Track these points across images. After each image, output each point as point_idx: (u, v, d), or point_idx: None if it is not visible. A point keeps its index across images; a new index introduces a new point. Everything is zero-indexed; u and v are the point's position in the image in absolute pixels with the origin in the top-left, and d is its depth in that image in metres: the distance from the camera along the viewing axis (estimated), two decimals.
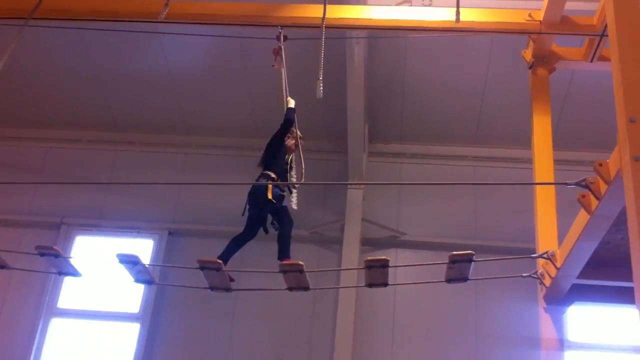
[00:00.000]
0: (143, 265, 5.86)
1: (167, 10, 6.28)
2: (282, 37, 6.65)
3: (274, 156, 6.43)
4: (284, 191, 6.35)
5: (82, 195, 9.59)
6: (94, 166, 9.90)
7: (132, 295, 9.04)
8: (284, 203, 6.32)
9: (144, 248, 9.25)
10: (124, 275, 5.99)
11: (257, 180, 6.32)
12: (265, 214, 6.30)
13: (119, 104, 9.91)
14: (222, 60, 9.27)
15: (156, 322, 8.89)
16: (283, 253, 6.19)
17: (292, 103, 6.61)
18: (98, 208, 9.64)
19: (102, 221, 9.56)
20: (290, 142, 6.59)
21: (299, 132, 6.68)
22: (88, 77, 9.63)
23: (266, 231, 6.39)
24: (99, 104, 9.90)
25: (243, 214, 6.35)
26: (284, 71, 6.67)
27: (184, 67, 9.39)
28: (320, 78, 5.85)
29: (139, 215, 9.50)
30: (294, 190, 6.49)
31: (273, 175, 6.27)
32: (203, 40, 8.25)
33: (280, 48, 6.68)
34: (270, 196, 6.11)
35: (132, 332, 8.88)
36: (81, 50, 9.35)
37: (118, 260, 5.76)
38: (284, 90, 6.62)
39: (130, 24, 7.26)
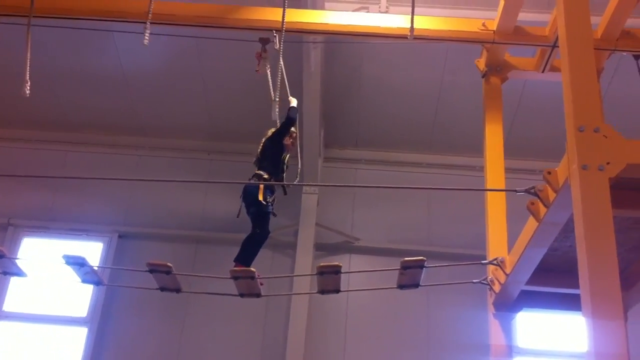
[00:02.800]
0: (90, 266, 5.77)
1: (151, 12, 6.13)
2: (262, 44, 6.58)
3: (270, 156, 6.34)
4: (274, 192, 6.23)
5: (30, 196, 9.37)
6: (44, 166, 9.64)
7: (79, 299, 8.85)
8: (270, 209, 6.18)
9: (93, 251, 9.07)
10: (72, 277, 5.88)
11: (250, 179, 6.19)
12: (252, 212, 6.14)
13: (71, 102, 9.70)
14: (177, 61, 9.16)
15: (104, 326, 8.72)
16: (241, 257, 6.06)
17: (294, 102, 6.54)
18: (47, 209, 9.42)
19: (50, 223, 9.34)
20: (288, 140, 6.51)
21: (295, 131, 6.63)
22: (39, 74, 9.33)
23: (274, 214, 6.25)
24: (50, 103, 9.68)
25: (238, 216, 6.18)
26: (269, 73, 6.62)
27: (138, 66, 9.25)
28: (277, 99, 5.79)
29: (89, 217, 9.33)
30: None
31: (266, 176, 6.18)
32: (158, 40, 8.12)
33: (263, 51, 6.64)
34: (261, 197, 6.00)
35: (79, 337, 8.69)
36: (32, 47, 9.10)
37: (64, 262, 5.65)
38: (273, 91, 6.52)
39: (83, 22, 7.10)
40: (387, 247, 9.03)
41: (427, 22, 6.87)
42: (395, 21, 6.90)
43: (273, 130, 6.61)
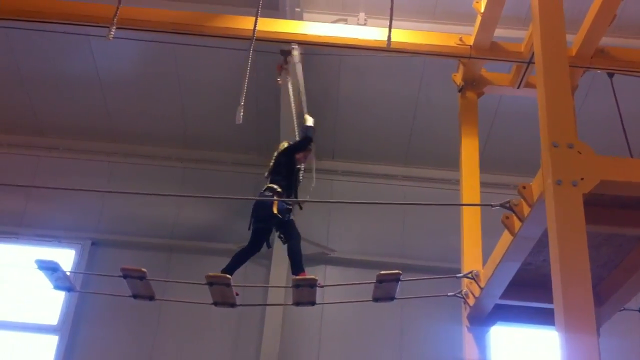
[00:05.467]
0: (63, 272, 5.70)
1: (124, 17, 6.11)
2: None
3: (284, 170, 6.37)
4: (290, 205, 6.25)
5: (0, 201, 9.20)
6: (15, 171, 9.48)
7: (50, 306, 8.71)
8: (291, 217, 6.22)
9: (65, 258, 8.92)
10: (43, 284, 5.79)
11: (262, 192, 6.22)
12: (270, 228, 6.20)
13: (44, 107, 9.58)
14: (153, 67, 9.11)
15: (75, 334, 8.59)
16: (297, 268, 6.03)
17: (310, 121, 6.53)
18: (18, 215, 9.27)
19: (21, 229, 9.19)
20: (299, 155, 6.53)
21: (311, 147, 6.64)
22: (12, 78, 9.28)
23: (269, 245, 6.32)
24: (23, 107, 9.56)
25: (249, 229, 6.23)
26: (290, 87, 6.61)
27: (113, 72, 9.17)
28: (242, 103, 5.78)
29: (61, 223, 9.18)
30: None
31: (279, 189, 6.18)
32: (134, 45, 8.09)
33: (284, 63, 6.65)
34: (275, 210, 6.02)
35: (49, 345, 8.54)
36: (6, 51, 9.02)
37: (37, 267, 5.58)
38: (301, 106, 6.55)
39: (59, 25, 7.03)
40: (362, 259, 9.02)
41: (405, 35, 6.92)
42: (374, 33, 6.94)
43: (286, 145, 6.59)
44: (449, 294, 6.04)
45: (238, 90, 6.53)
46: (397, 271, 5.44)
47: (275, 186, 6.22)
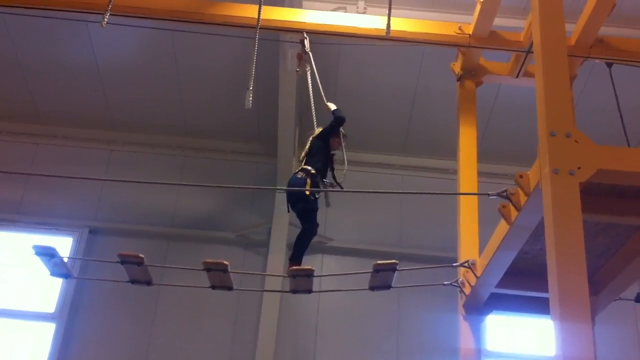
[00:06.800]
0: (60, 258, 5.69)
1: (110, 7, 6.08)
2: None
3: (318, 152, 6.26)
4: (320, 187, 6.14)
5: None
6: (13, 159, 9.47)
7: (47, 293, 8.72)
8: (318, 205, 6.12)
9: (63, 246, 8.92)
10: (40, 271, 5.79)
11: (296, 173, 6.08)
12: (299, 208, 6.06)
13: (42, 94, 9.56)
14: (152, 55, 9.09)
15: (72, 322, 8.61)
16: (297, 257, 5.94)
17: (334, 106, 6.45)
18: (16, 202, 9.27)
19: (19, 216, 9.20)
20: (334, 139, 6.44)
21: (342, 130, 6.52)
22: (10, 64, 9.26)
23: (328, 204, 6.17)
24: (21, 94, 9.54)
25: (289, 211, 6.19)
26: (309, 75, 6.58)
27: (112, 59, 9.15)
28: (251, 88, 5.73)
29: (59, 211, 9.19)
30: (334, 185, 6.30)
31: (313, 171, 6.05)
32: (133, 33, 8.05)
33: (304, 52, 6.62)
34: (308, 193, 5.91)
35: (47, 332, 8.56)
36: (3, 36, 8.99)
37: (34, 252, 5.58)
38: (317, 94, 6.49)
39: (56, 12, 6.99)
40: (359, 248, 9.04)
41: (403, 24, 6.90)
42: (373, 22, 6.92)
43: (320, 129, 6.49)
44: (445, 283, 6.05)
45: (237, 78, 6.54)
46: (393, 261, 5.43)
47: (309, 167, 6.08)
